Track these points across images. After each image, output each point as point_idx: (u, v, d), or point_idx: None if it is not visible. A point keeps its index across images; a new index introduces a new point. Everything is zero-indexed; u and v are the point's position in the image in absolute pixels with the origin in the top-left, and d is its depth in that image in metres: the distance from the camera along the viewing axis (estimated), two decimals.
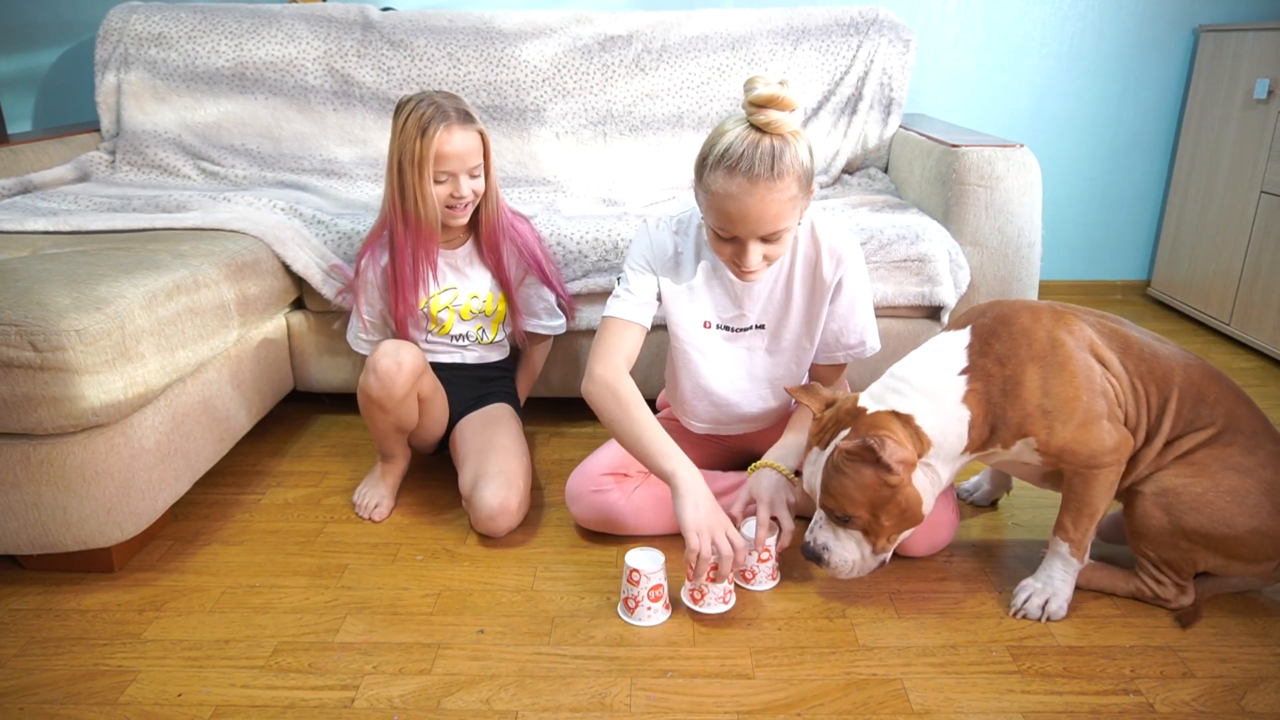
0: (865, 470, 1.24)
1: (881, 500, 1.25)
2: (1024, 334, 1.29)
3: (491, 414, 1.77)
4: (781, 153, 1.25)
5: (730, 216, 1.28)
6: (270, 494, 1.79)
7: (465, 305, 1.77)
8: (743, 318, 1.51)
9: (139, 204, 2.08)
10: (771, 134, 1.25)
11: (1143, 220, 3.01)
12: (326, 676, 1.26)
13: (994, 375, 1.28)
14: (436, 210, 1.63)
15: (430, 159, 1.57)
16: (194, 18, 2.46)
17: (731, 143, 1.26)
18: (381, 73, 2.45)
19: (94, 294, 1.37)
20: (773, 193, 1.25)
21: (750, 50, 2.46)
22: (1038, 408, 1.26)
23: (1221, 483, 1.29)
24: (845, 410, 1.31)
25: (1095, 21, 2.78)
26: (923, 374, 1.31)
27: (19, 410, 1.30)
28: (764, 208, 1.26)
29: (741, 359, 1.54)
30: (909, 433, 1.27)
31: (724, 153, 1.26)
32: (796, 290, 1.47)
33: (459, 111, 1.60)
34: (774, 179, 1.25)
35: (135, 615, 1.40)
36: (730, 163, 1.25)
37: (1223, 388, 1.35)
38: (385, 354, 1.57)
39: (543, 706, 1.20)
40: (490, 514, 1.56)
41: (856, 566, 1.32)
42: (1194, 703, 1.20)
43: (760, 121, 1.25)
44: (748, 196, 1.26)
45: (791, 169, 1.26)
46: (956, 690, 1.23)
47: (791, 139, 1.26)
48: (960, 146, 1.96)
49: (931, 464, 1.29)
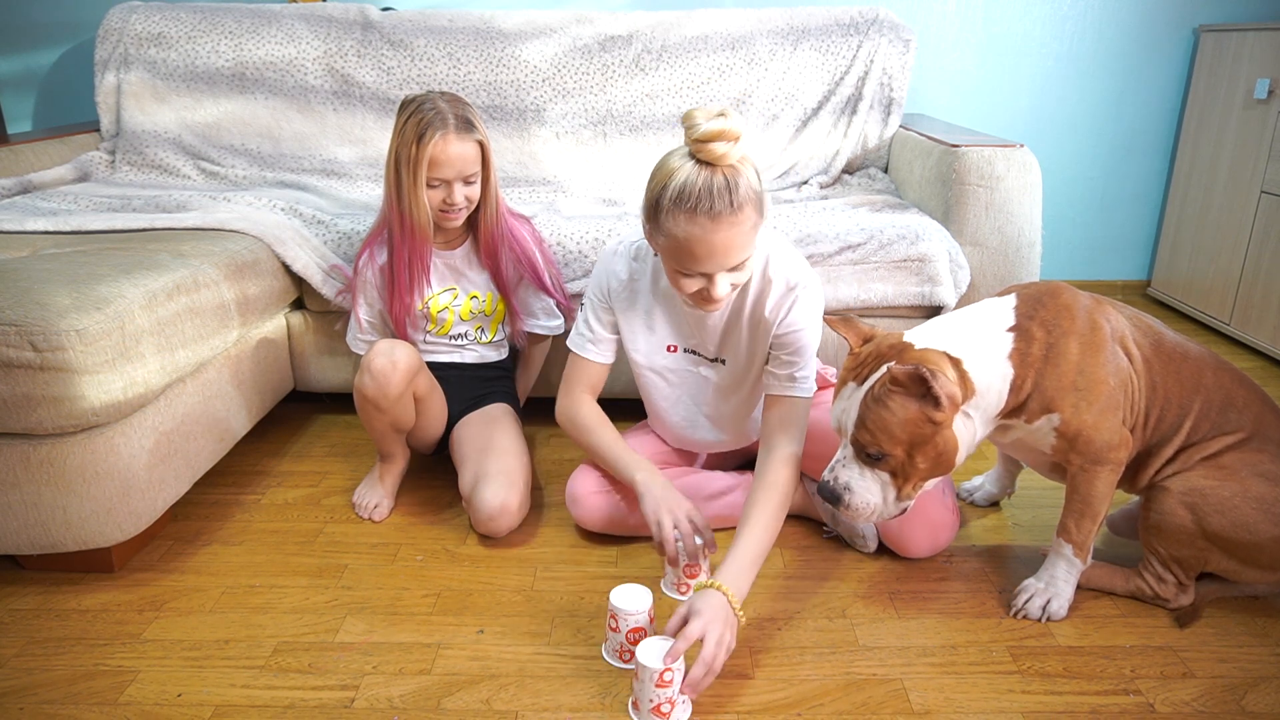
0: (910, 404, 1.20)
1: (921, 438, 1.21)
2: (1067, 309, 1.30)
3: (491, 414, 1.77)
4: (736, 184, 1.23)
5: (696, 256, 1.26)
6: (270, 494, 1.79)
7: (465, 305, 1.77)
8: (704, 346, 1.52)
9: (139, 204, 2.08)
10: (722, 167, 1.23)
11: (1143, 220, 3.01)
12: (326, 676, 1.26)
13: (1038, 339, 1.28)
14: (429, 214, 1.63)
15: (424, 164, 1.57)
16: (194, 18, 2.46)
17: (685, 183, 1.23)
18: (381, 73, 2.45)
19: (94, 294, 1.37)
20: (735, 226, 1.24)
21: (750, 50, 2.46)
22: (1071, 384, 1.27)
23: (1250, 489, 1.29)
24: (889, 345, 1.27)
25: (1095, 21, 2.78)
26: (971, 324, 1.30)
27: (19, 410, 1.30)
28: (730, 242, 1.25)
29: (702, 387, 1.56)
30: (958, 375, 1.24)
31: (679, 194, 1.23)
32: (745, 324, 1.45)
33: (459, 119, 1.58)
34: (734, 212, 1.23)
35: (135, 615, 1.40)
36: (689, 204, 1.23)
37: (1252, 394, 1.35)
38: (379, 353, 1.56)
39: (543, 706, 1.20)
40: (491, 514, 1.56)
41: (876, 511, 1.28)
42: (1194, 703, 1.20)
43: (709, 157, 1.22)
44: (712, 235, 1.24)
45: (748, 198, 1.24)
46: (956, 690, 1.23)
47: (740, 166, 1.24)
48: (960, 146, 1.96)
49: (971, 415, 1.26)
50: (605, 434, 1.54)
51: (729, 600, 1.21)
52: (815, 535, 1.63)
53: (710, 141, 1.22)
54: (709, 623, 1.17)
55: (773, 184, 2.45)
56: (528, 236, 1.80)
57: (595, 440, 1.54)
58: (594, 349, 1.54)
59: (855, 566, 1.53)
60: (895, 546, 1.53)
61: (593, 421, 1.55)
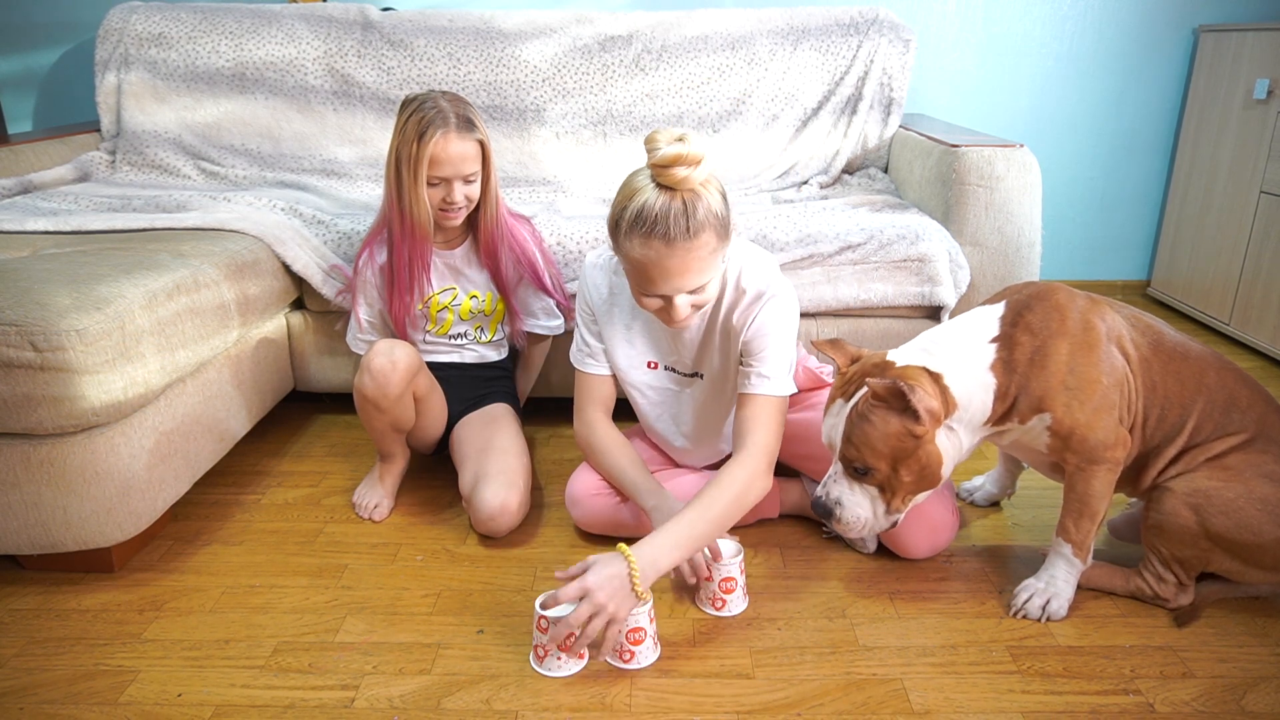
0: (891, 418, 1.24)
1: (904, 452, 1.25)
2: (1058, 310, 1.30)
3: (491, 414, 1.77)
4: (695, 209, 1.23)
5: (652, 278, 1.27)
6: (270, 494, 1.79)
7: (464, 305, 1.77)
8: (682, 362, 1.52)
9: (139, 204, 2.08)
10: (682, 190, 1.23)
11: (1143, 220, 3.01)
12: (326, 676, 1.26)
13: (1023, 344, 1.29)
14: (429, 213, 1.63)
15: (424, 163, 1.57)
16: (194, 18, 2.46)
17: (643, 205, 1.23)
18: (381, 73, 2.45)
19: (94, 294, 1.37)
20: (692, 251, 1.24)
21: (750, 50, 2.46)
22: (1061, 383, 1.27)
23: (1255, 490, 1.28)
24: (873, 364, 1.31)
25: (1095, 21, 2.78)
26: (954, 339, 1.32)
27: (19, 410, 1.30)
28: (685, 266, 1.25)
29: (682, 406, 1.56)
30: (937, 390, 1.27)
31: (636, 216, 1.24)
32: (718, 336, 1.45)
33: (460, 118, 1.58)
34: (690, 238, 1.23)
35: (135, 615, 1.40)
36: (645, 228, 1.23)
37: (1255, 394, 1.35)
38: (379, 353, 1.56)
39: (543, 706, 1.20)
40: (490, 514, 1.56)
41: (868, 525, 1.31)
42: (1194, 703, 1.20)
43: (669, 181, 1.23)
44: (667, 260, 1.24)
45: (706, 222, 1.24)
46: (956, 690, 1.23)
47: (702, 190, 1.24)
48: (960, 146, 1.96)
49: (955, 428, 1.29)
50: (622, 459, 1.51)
51: (630, 569, 1.20)
52: (815, 535, 1.63)
53: (669, 166, 1.22)
54: (592, 586, 1.19)
55: (773, 184, 2.45)
56: (527, 237, 1.80)
57: (611, 465, 1.52)
58: (593, 363, 1.55)
59: (855, 566, 1.53)
60: (895, 547, 1.53)
61: (607, 444, 1.53)
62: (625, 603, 1.21)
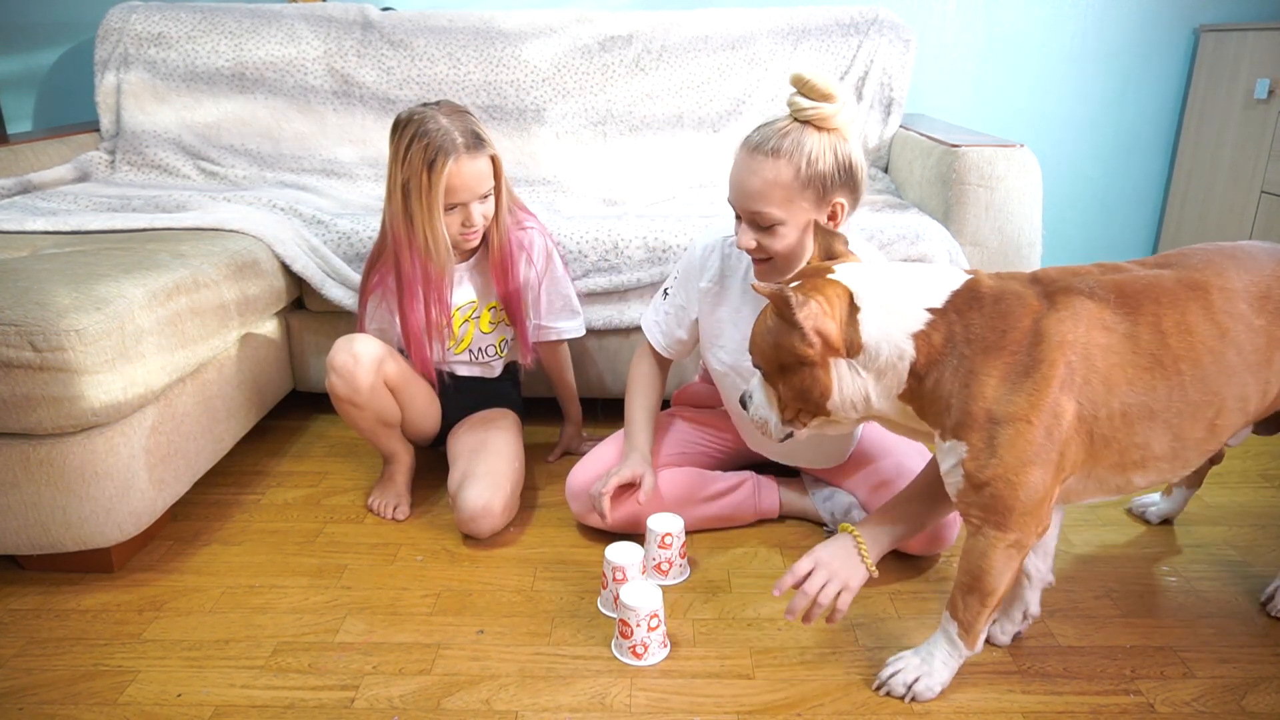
0: (782, 325, 1.10)
1: (786, 365, 1.12)
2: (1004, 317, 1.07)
3: (489, 416, 1.77)
4: (790, 135, 1.24)
5: (730, 182, 1.31)
6: (270, 494, 1.79)
7: (485, 317, 1.73)
8: None
9: (139, 204, 2.08)
10: (796, 117, 1.26)
11: (1143, 220, 3.01)
12: (326, 676, 1.26)
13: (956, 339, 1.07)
14: (449, 246, 1.54)
15: (439, 192, 1.48)
16: (194, 18, 2.46)
17: (763, 123, 1.29)
18: (382, 73, 2.45)
19: (94, 294, 1.37)
20: (762, 168, 1.25)
21: (750, 50, 2.46)
22: (986, 412, 1.04)
23: None
24: (814, 266, 1.16)
25: (1095, 21, 2.78)
26: (907, 282, 1.12)
27: (19, 410, 1.30)
28: (747, 179, 1.27)
29: None
30: (847, 318, 1.09)
31: (752, 131, 1.29)
32: None
33: (467, 135, 1.49)
34: (768, 156, 1.25)
35: (135, 615, 1.40)
36: (748, 137, 1.29)
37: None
38: (339, 349, 1.54)
39: (543, 706, 1.20)
40: (472, 514, 1.54)
41: (771, 425, 1.21)
42: (1194, 703, 1.20)
43: (789, 102, 1.27)
44: (740, 167, 1.28)
45: (792, 154, 1.24)
46: (956, 690, 1.23)
47: (814, 130, 1.25)
48: (960, 146, 1.96)
49: (861, 375, 1.11)
50: (635, 401, 1.59)
51: (858, 542, 1.24)
52: (815, 535, 1.63)
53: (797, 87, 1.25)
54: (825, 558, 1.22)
55: None
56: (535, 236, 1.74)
57: (627, 401, 1.61)
58: (666, 342, 1.58)
59: None
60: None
61: (638, 384, 1.61)
62: (856, 571, 1.22)
